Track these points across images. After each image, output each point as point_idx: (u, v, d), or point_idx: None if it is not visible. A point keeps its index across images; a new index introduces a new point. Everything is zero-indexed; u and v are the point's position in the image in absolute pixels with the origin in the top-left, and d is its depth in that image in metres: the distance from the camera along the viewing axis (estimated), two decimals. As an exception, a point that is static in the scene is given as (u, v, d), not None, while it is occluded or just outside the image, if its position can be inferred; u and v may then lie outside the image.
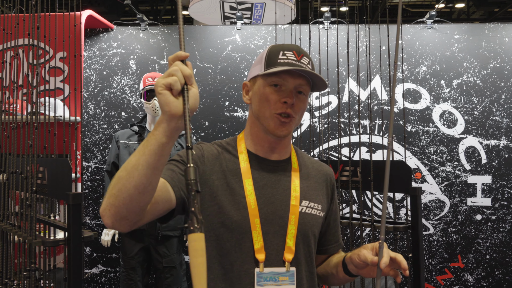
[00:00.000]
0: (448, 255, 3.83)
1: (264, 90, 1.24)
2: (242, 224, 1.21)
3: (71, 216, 1.68)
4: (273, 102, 1.22)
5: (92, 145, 3.89)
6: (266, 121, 1.24)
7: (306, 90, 1.25)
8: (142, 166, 0.93)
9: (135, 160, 0.94)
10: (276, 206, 1.25)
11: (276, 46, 1.27)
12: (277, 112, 1.22)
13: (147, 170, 0.94)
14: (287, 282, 1.22)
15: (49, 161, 1.89)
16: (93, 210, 3.88)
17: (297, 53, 1.24)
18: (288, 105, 1.21)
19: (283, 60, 1.22)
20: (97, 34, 3.99)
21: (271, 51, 1.26)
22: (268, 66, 1.24)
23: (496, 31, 3.88)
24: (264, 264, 1.21)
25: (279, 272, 1.22)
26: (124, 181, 0.95)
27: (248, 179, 1.26)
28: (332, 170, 1.46)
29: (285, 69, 1.19)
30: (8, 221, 2.05)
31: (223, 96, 3.92)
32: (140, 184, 0.95)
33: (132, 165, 0.95)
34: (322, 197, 1.36)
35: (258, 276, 1.20)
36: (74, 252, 1.69)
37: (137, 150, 0.95)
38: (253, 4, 4.54)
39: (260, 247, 1.21)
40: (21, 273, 1.91)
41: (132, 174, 0.94)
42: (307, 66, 1.23)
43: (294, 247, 1.24)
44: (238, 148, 1.32)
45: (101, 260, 3.87)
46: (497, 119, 3.81)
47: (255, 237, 1.21)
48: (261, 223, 1.22)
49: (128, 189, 0.95)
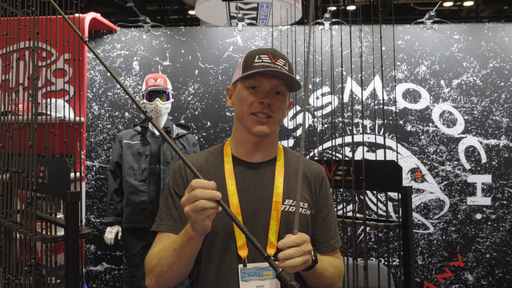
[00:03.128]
0: (448, 254, 3.85)
1: (242, 93, 1.30)
2: (226, 226, 1.26)
3: (69, 214, 1.75)
4: (250, 102, 1.29)
5: (97, 145, 3.97)
6: (245, 121, 1.31)
7: (283, 90, 1.30)
8: (186, 265, 1.16)
9: (177, 260, 1.15)
10: (258, 206, 1.29)
11: (252, 51, 1.34)
12: (254, 112, 1.28)
13: (190, 263, 1.17)
14: (270, 276, 1.25)
15: (49, 161, 1.97)
16: (97, 209, 3.96)
17: (272, 56, 1.30)
18: (264, 105, 1.27)
19: (258, 64, 1.28)
20: (101, 36, 4.07)
21: (248, 56, 1.32)
22: (245, 70, 1.30)
23: (496, 31, 3.89)
24: (248, 260, 1.25)
25: (262, 267, 1.25)
26: (172, 273, 1.18)
27: (231, 179, 1.31)
28: (323, 169, 1.46)
29: (257, 71, 1.25)
30: (11, 218, 2.13)
31: (225, 97, 3.98)
32: (185, 272, 1.20)
33: (174, 264, 1.16)
34: (308, 196, 1.37)
35: (242, 272, 1.24)
36: (72, 248, 1.76)
37: (174, 253, 1.15)
38: (259, 4, 4.58)
39: (242, 244, 1.26)
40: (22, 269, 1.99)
41: (177, 270, 1.17)
42: (282, 68, 1.28)
43: (276, 242, 1.26)
44: (224, 151, 1.38)
45: (106, 257, 3.96)
46: (497, 119, 3.82)
47: (237, 235, 1.26)
48: (243, 223, 1.26)
49: (177, 278, 1.20)
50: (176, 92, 3.96)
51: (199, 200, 0.97)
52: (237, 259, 1.26)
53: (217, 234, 1.27)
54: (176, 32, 4.09)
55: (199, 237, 1.06)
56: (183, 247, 1.10)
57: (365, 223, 2.23)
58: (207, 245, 1.28)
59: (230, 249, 1.26)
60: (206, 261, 1.29)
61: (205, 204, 0.97)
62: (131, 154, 3.38)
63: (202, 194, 0.97)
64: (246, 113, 1.29)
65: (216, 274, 1.27)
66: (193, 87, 4.00)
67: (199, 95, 3.99)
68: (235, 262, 1.26)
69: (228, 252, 1.26)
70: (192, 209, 0.97)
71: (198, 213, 0.98)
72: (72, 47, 2.35)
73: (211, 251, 1.28)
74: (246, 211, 1.28)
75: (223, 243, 1.27)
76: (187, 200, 0.99)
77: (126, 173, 3.35)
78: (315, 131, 3.67)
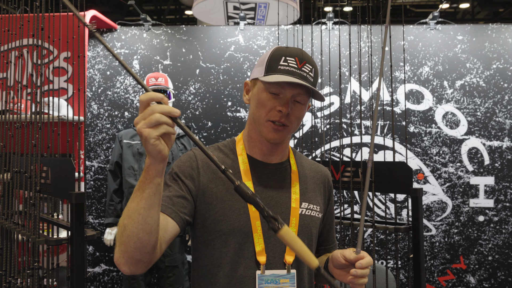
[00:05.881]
0: (450, 256, 3.83)
1: (262, 95, 1.23)
2: (244, 228, 1.22)
3: (74, 215, 1.70)
4: (269, 108, 1.22)
5: (96, 144, 3.91)
6: (260, 126, 1.25)
7: (304, 99, 1.24)
8: (144, 208, 0.97)
9: (135, 205, 0.97)
10: (277, 209, 1.26)
11: (279, 49, 1.25)
12: (271, 119, 1.22)
13: (149, 211, 0.97)
14: (287, 285, 1.23)
15: (53, 161, 1.91)
16: (96, 209, 3.90)
17: (299, 60, 1.22)
18: (283, 114, 1.21)
19: (283, 67, 1.21)
20: (101, 34, 4.01)
21: (274, 55, 1.24)
22: (269, 71, 1.22)
23: (500, 32, 3.87)
24: (266, 266, 1.22)
25: (280, 274, 1.23)
26: (131, 227, 0.99)
27: (248, 181, 1.27)
28: (329, 171, 1.46)
29: (281, 81, 1.18)
30: (12, 219, 2.07)
31: (226, 97, 3.93)
32: (146, 225, 0.98)
33: (134, 210, 0.98)
34: (319, 198, 1.37)
35: (259, 279, 1.21)
36: (77, 251, 1.71)
37: (134, 196, 0.98)
38: (256, 4, 4.55)
39: (261, 250, 1.22)
40: (24, 271, 1.93)
41: (136, 219, 0.98)
42: (308, 74, 1.22)
43: None
44: (237, 150, 1.32)
45: (104, 259, 3.89)
46: (500, 120, 3.80)
47: (256, 240, 1.22)
48: (262, 226, 1.23)
49: (136, 234, 0.99)
50: (176, 92, 3.91)
51: (155, 113, 0.88)
52: (255, 264, 1.22)
53: (232, 237, 1.22)
54: (177, 31, 4.04)
55: (156, 165, 0.94)
56: (141, 184, 0.97)
57: (374, 225, 2.19)
58: (219, 247, 1.23)
59: (247, 253, 1.22)
60: (217, 264, 1.24)
61: (161, 118, 0.87)
62: (132, 154, 3.33)
63: (159, 108, 0.88)
64: (263, 118, 1.23)
65: (230, 279, 1.22)
66: (194, 87, 3.95)
67: (200, 94, 3.94)
68: (253, 267, 1.22)
69: (245, 256, 1.22)
70: (146, 123, 0.88)
71: (152, 129, 0.88)
72: (75, 44, 2.29)
73: (225, 254, 1.22)
74: None
75: (240, 247, 1.22)
76: (141, 116, 0.89)
77: (126, 174, 3.30)
78: (313, 132, 3.63)
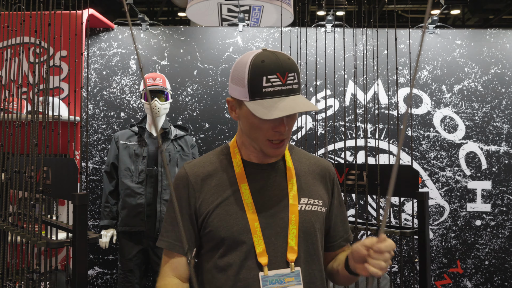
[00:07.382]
0: (447, 261, 3.83)
1: (254, 120, 1.18)
2: (243, 232, 1.21)
3: (77, 217, 1.65)
4: (265, 130, 1.19)
5: (91, 145, 3.85)
6: (259, 144, 1.23)
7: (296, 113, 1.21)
8: None
9: None
10: (275, 208, 1.25)
11: (256, 66, 1.14)
12: (270, 139, 1.20)
13: None
14: (293, 283, 1.21)
15: (54, 161, 1.86)
16: (90, 211, 3.83)
17: (281, 75, 1.14)
18: (280, 133, 1.19)
19: (268, 89, 1.13)
20: (97, 34, 3.96)
21: (253, 75, 1.14)
22: (254, 95, 1.15)
23: (498, 37, 3.89)
24: (268, 267, 1.20)
25: (284, 273, 1.21)
26: None
27: (243, 183, 1.26)
28: (331, 164, 1.42)
29: (275, 118, 1.11)
30: (10, 221, 2.01)
31: (224, 98, 3.90)
32: None
33: None
34: (322, 192, 1.34)
35: (263, 280, 1.20)
36: (80, 254, 1.66)
37: None
38: (251, 7, 4.53)
39: (262, 251, 1.21)
40: (18, 274, 1.87)
41: None
42: (293, 85, 1.16)
43: (296, 246, 1.23)
44: (232, 154, 1.31)
45: (98, 262, 3.83)
46: (498, 125, 3.82)
47: (256, 241, 1.21)
48: (261, 227, 1.22)
49: None
50: (174, 93, 3.87)
51: None
52: (257, 266, 1.21)
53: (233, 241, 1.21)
54: (175, 31, 3.99)
55: None
56: None
57: (379, 229, 2.17)
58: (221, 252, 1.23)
59: (249, 256, 1.21)
60: (220, 269, 1.23)
61: None
62: (128, 155, 3.28)
63: None
64: (261, 139, 1.20)
65: (234, 282, 1.21)
66: (192, 88, 3.91)
67: (197, 96, 3.90)
68: (255, 269, 1.21)
69: (247, 259, 1.21)
70: None
71: None
72: (73, 43, 2.24)
73: (227, 258, 1.22)
74: (263, 214, 1.24)
75: (241, 250, 1.21)
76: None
77: (123, 175, 3.24)
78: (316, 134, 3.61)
